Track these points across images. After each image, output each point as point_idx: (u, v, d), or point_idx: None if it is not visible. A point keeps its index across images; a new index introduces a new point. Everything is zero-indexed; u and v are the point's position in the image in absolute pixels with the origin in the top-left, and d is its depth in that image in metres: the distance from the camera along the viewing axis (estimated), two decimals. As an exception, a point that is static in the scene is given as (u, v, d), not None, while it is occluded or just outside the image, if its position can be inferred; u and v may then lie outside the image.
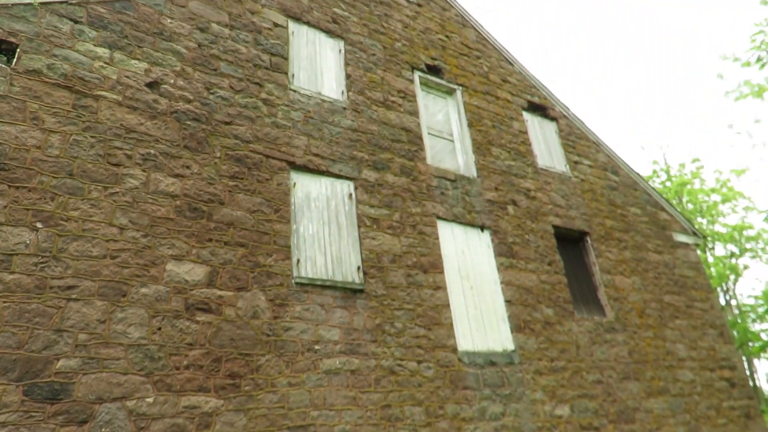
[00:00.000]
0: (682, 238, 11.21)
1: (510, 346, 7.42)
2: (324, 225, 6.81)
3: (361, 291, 6.52)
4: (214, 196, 5.96)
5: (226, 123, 6.48)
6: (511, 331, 7.54)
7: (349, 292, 6.42)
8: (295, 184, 6.80)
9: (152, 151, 5.78)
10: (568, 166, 10.31)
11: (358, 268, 6.70)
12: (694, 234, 11.56)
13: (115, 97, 5.78)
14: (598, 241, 9.63)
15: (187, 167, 5.94)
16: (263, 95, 6.99)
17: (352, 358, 6.02)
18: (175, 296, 5.23)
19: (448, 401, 6.43)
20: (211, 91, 6.56)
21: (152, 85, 6.13)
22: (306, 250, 6.46)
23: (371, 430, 5.72)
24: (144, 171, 5.62)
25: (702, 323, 10.21)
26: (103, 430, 4.37)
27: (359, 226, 6.98)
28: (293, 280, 6.07)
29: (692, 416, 8.77)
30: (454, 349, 6.84)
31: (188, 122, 6.19)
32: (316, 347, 5.84)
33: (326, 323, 6.05)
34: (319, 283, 6.26)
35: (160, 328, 5.01)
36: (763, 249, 29.29)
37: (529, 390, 7.17)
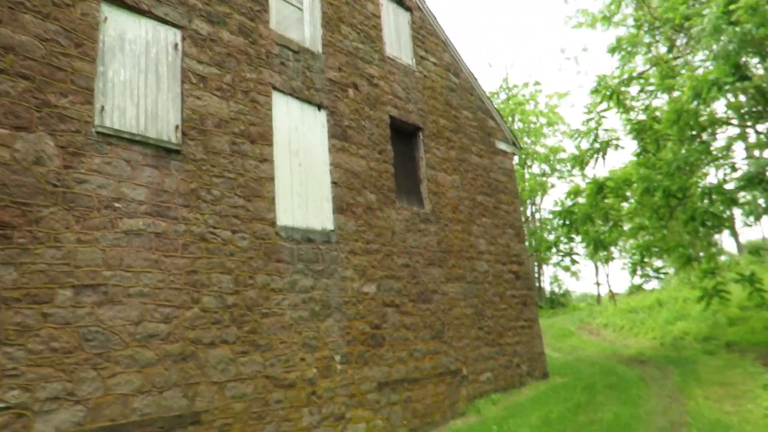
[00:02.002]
0: (502, 146, 12.21)
1: (330, 225, 7.59)
2: (140, 73, 6.00)
3: (178, 152, 6.01)
4: (-11, 10, 4.80)
5: None
6: (333, 212, 7.69)
7: (162, 151, 5.87)
8: (106, 18, 5.79)
9: None
10: (414, 60, 10.32)
11: (177, 127, 6.11)
12: (514, 144, 12.66)
13: None
14: (429, 137, 10.02)
15: (-50, -35, 4.65)
16: None
17: (158, 220, 5.63)
18: (-75, 125, 4.25)
19: (260, 272, 6.45)
20: None
21: None
22: (114, 98, 5.67)
23: (172, 293, 5.54)
24: None
25: (504, 223, 11.51)
26: None
27: (183, 82, 6.29)
28: (94, 129, 5.33)
29: (480, 300, 10.09)
30: (273, 223, 6.78)
31: None
32: (117, 205, 5.32)
33: (131, 181, 5.51)
34: (127, 136, 5.60)
35: None
36: (569, 171, 33.52)
37: (341, 268, 7.51)
